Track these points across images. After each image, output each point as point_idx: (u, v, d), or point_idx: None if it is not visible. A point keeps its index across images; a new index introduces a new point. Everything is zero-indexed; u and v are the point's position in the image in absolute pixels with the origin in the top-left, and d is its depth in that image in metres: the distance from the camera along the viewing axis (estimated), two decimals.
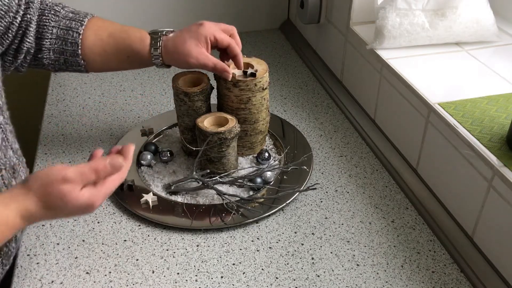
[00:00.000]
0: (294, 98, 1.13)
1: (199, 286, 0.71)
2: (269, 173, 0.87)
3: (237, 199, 0.83)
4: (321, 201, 0.85)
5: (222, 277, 0.72)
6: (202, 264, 0.74)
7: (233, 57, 0.83)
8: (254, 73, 0.85)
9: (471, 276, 0.72)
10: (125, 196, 0.84)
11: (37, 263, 0.74)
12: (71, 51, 0.81)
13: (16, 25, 0.75)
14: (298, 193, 0.85)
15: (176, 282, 0.72)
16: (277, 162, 0.92)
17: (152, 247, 0.77)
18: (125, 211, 0.83)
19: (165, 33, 0.82)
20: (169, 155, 0.91)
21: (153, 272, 0.73)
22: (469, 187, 0.74)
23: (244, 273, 0.73)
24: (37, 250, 0.76)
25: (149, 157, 0.90)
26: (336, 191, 0.88)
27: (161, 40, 0.81)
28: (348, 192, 0.87)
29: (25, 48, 0.78)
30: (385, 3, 0.93)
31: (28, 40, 0.77)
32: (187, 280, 0.72)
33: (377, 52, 0.93)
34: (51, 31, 0.79)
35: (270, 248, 0.77)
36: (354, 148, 0.97)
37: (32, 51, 0.79)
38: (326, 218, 0.82)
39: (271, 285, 0.71)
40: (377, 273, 0.73)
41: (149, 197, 0.82)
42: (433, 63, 0.90)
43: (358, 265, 0.74)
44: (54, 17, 0.80)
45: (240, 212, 0.81)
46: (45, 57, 0.80)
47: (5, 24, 0.74)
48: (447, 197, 0.80)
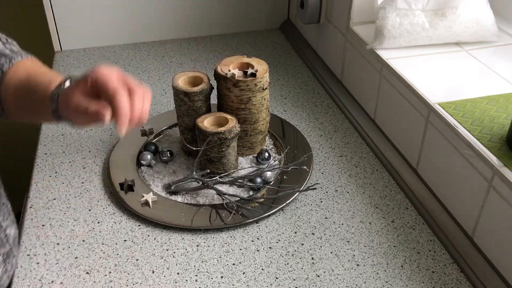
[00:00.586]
0: (294, 98, 1.13)
1: (199, 286, 0.71)
2: (269, 173, 0.87)
3: (237, 199, 0.83)
4: (321, 201, 0.85)
5: (222, 277, 0.73)
6: (202, 264, 0.74)
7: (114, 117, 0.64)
8: (254, 73, 0.85)
9: (471, 276, 0.72)
10: (125, 196, 0.84)
11: (37, 263, 0.74)
12: None
13: None
14: (298, 193, 0.85)
15: (176, 282, 0.72)
16: (277, 162, 0.92)
17: (152, 247, 0.77)
18: (125, 211, 0.83)
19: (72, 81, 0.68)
20: (169, 155, 0.91)
21: (153, 272, 0.73)
22: (469, 187, 0.74)
23: (244, 273, 0.73)
24: (37, 250, 0.76)
25: (149, 157, 0.90)
26: (336, 191, 0.88)
27: (62, 86, 0.68)
28: (348, 192, 0.87)
29: None
30: (385, 3, 0.93)
31: None
32: (187, 280, 0.72)
33: (377, 52, 0.93)
34: None
35: (270, 248, 0.77)
36: (354, 148, 0.97)
37: None
38: (326, 218, 0.82)
39: (271, 285, 0.71)
40: (377, 273, 0.73)
41: (149, 197, 0.82)
42: (433, 63, 0.90)
43: (358, 265, 0.74)
44: None
45: (240, 212, 0.81)
46: None
47: None
48: (447, 197, 0.80)
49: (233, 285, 0.71)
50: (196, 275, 0.73)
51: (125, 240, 0.78)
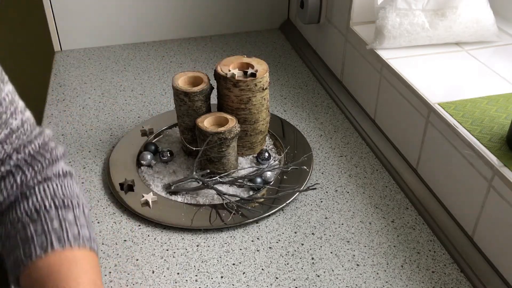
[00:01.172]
0: (294, 98, 1.13)
1: (199, 286, 0.71)
2: (269, 173, 0.87)
3: (237, 199, 0.83)
4: (321, 201, 0.85)
5: (222, 277, 0.73)
6: (202, 264, 0.74)
7: None
8: (254, 73, 0.85)
9: (471, 276, 0.72)
10: (125, 196, 0.84)
11: None
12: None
13: None
14: (298, 193, 0.85)
15: (176, 282, 0.72)
16: (277, 162, 0.92)
17: (152, 247, 0.77)
18: (125, 211, 0.83)
19: None
20: (169, 155, 0.91)
21: (153, 272, 0.73)
22: (469, 187, 0.74)
23: (244, 273, 0.73)
24: None
25: (149, 157, 0.90)
26: (336, 191, 0.88)
27: None
28: (348, 192, 0.87)
29: None
30: (385, 3, 0.93)
31: None
32: (187, 280, 0.72)
33: (377, 52, 0.93)
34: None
35: (270, 248, 0.77)
36: (354, 148, 0.97)
37: None
38: (326, 218, 0.82)
39: (271, 285, 0.71)
40: (377, 273, 0.73)
41: (149, 197, 0.82)
42: (433, 63, 0.90)
43: (358, 265, 0.74)
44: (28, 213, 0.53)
45: (240, 212, 0.81)
46: None
47: None
48: (447, 197, 0.80)
49: (233, 285, 0.71)
50: (196, 275, 0.73)
51: (125, 240, 0.78)
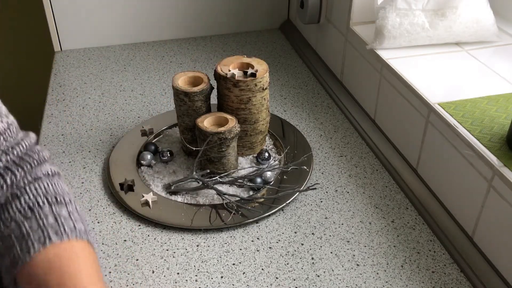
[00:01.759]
0: (294, 98, 1.13)
1: (199, 286, 0.71)
2: (269, 173, 0.87)
3: (237, 199, 0.83)
4: (321, 201, 0.85)
5: (222, 277, 0.73)
6: (202, 264, 0.74)
7: None
8: (254, 73, 0.85)
9: (471, 276, 0.72)
10: (125, 196, 0.84)
11: None
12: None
13: None
14: (298, 193, 0.85)
15: (176, 282, 0.72)
16: (277, 162, 0.92)
17: (152, 247, 0.77)
18: (125, 211, 0.83)
19: None
20: (169, 155, 0.91)
21: (153, 272, 0.73)
22: (469, 187, 0.74)
23: (244, 273, 0.73)
24: None
25: (149, 157, 0.90)
26: (336, 191, 0.88)
27: None
28: (348, 192, 0.87)
29: None
30: (385, 3, 0.93)
31: None
32: (187, 280, 0.72)
33: (377, 52, 0.93)
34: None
35: (270, 248, 0.77)
36: (354, 148, 0.97)
37: None
38: (326, 218, 0.82)
39: (271, 285, 0.71)
40: (377, 273, 0.73)
41: (149, 197, 0.82)
42: (433, 63, 0.90)
43: (358, 265, 0.74)
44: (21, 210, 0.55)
45: (240, 212, 0.81)
46: None
47: None
48: (447, 197, 0.80)
49: (233, 285, 0.71)
50: (196, 275, 0.73)
51: (125, 240, 0.78)
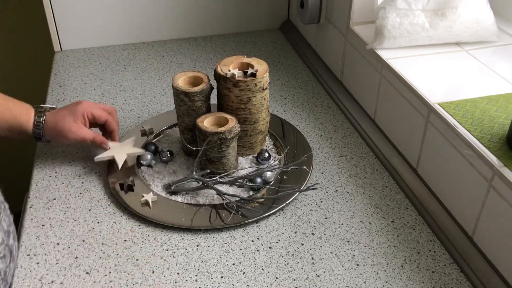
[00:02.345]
0: (294, 98, 1.13)
1: (199, 286, 0.71)
2: (269, 173, 0.87)
3: (237, 199, 0.83)
4: (321, 201, 0.85)
5: (222, 277, 0.73)
6: (202, 264, 0.74)
7: (110, 132, 0.91)
8: (254, 73, 0.85)
9: (471, 276, 0.72)
10: (125, 196, 0.84)
11: (37, 263, 0.74)
12: None
13: None
14: (298, 193, 0.85)
15: (176, 282, 0.72)
16: (277, 162, 0.92)
17: (152, 247, 0.77)
18: (125, 211, 0.83)
19: (48, 109, 0.88)
20: (169, 155, 0.91)
21: (153, 272, 0.73)
22: (469, 187, 0.74)
23: (244, 273, 0.73)
24: (37, 250, 0.76)
25: (149, 157, 0.90)
26: (336, 191, 0.88)
27: (44, 115, 0.86)
28: (348, 192, 0.87)
29: None
30: (385, 3, 0.93)
31: None
32: (187, 280, 0.72)
33: (377, 52, 0.93)
34: None
35: (270, 248, 0.77)
36: (354, 148, 0.97)
37: None
38: (326, 218, 0.82)
39: (271, 285, 0.71)
40: (377, 273, 0.73)
41: (149, 197, 0.82)
42: (433, 63, 0.90)
43: (358, 265, 0.74)
44: None
45: (240, 212, 0.81)
46: None
47: None
48: (447, 197, 0.80)
49: (233, 285, 0.71)
50: (196, 275, 0.73)
51: (125, 240, 0.78)
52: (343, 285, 0.71)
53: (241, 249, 0.77)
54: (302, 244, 0.78)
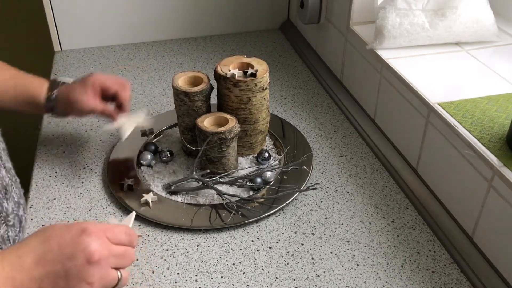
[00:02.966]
0: (294, 98, 1.13)
1: (199, 286, 0.71)
2: (269, 173, 0.87)
3: (237, 199, 0.83)
4: (321, 201, 0.85)
5: (222, 277, 0.73)
6: (202, 264, 0.74)
7: (120, 104, 0.89)
8: (254, 73, 0.85)
9: (471, 276, 0.72)
10: (125, 196, 0.84)
11: None
12: None
13: None
14: (298, 193, 0.85)
15: (176, 282, 0.72)
16: (277, 162, 0.92)
17: (152, 247, 0.77)
18: (125, 211, 0.83)
19: (63, 82, 0.88)
20: (169, 155, 0.91)
21: (153, 272, 0.73)
22: (469, 187, 0.74)
23: (244, 273, 0.73)
24: None
25: (149, 157, 0.90)
26: (336, 191, 0.88)
27: (57, 87, 0.87)
28: (348, 192, 0.87)
29: None
30: (385, 3, 0.93)
31: None
32: (187, 280, 0.72)
33: (377, 52, 0.93)
34: None
35: (270, 248, 0.77)
36: (354, 148, 0.97)
37: None
38: (326, 218, 0.82)
39: (271, 285, 0.71)
40: (377, 273, 0.73)
41: (149, 197, 0.82)
42: (433, 63, 0.90)
43: (358, 265, 0.74)
44: None
45: (240, 212, 0.81)
46: None
47: None
48: (447, 197, 0.80)
49: (233, 285, 0.71)
50: (196, 275, 0.73)
51: None
52: (343, 285, 0.71)
53: (241, 249, 0.77)
54: (302, 244, 0.78)
